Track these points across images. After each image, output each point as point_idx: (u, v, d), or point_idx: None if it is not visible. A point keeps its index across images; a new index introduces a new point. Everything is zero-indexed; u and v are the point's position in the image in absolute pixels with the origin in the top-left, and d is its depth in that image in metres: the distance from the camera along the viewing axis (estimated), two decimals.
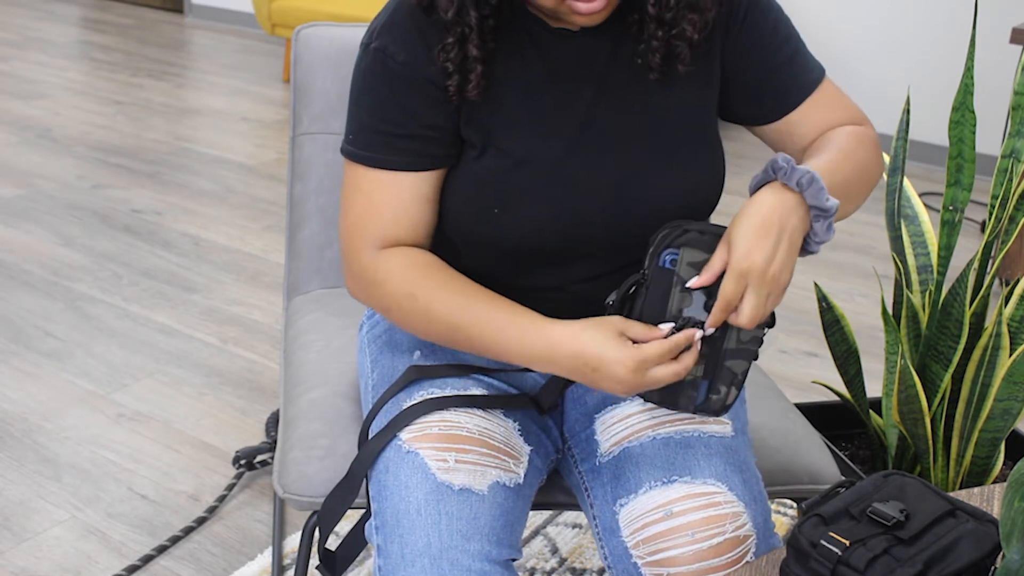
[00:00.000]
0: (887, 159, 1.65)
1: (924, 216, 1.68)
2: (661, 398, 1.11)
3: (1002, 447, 1.58)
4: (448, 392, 1.16)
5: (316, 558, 1.81)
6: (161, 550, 1.86)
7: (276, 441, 2.12)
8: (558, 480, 1.29)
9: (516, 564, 1.81)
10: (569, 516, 1.99)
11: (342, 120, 1.62)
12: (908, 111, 1.61)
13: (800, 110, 1.20)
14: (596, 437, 1.20)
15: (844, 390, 2.20)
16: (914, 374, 1.50)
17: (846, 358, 1.72)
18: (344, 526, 1.91)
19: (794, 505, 1.99)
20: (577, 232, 1.14)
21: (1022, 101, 1.54)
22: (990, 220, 1.56)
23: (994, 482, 1.62)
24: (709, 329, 1.06)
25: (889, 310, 1.78)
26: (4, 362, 2.46)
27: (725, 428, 1.17)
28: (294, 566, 1.83)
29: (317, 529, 1.17)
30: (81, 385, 2.39)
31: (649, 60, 1.13)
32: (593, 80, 1.14)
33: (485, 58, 1.10)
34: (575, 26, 1.12)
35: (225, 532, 1.93)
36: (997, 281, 3.07)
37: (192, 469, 2.11)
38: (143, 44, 5.71)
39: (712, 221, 1.11)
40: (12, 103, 4.52)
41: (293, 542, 1.89)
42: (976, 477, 1.61)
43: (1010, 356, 1.52)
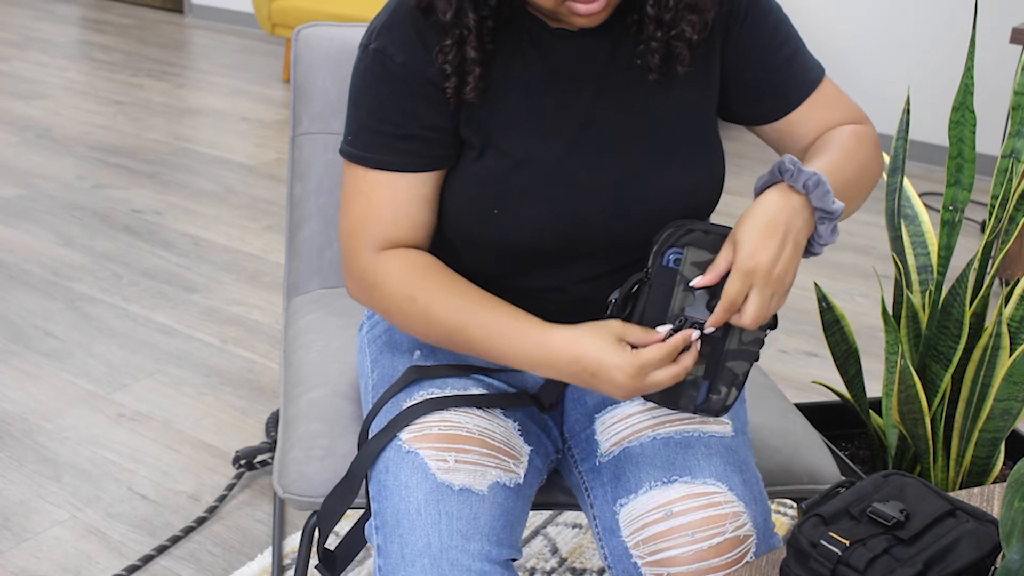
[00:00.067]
0: (887, 159, 1.65)
1: (924, 216, 1.68)
2: (661, 398, 1.12)
3: (1002, 447, 1.58)
4: (448, 392, 1.16)
5: (316, 558, 1.81)
6: (161, 550, 1.86)
7: (276, 441, 2.12)
8: (558, 480, 1.29)
9: (516, 564, 1.81)
10: (569, 516, 1.99)
11: (342, 120, 1.62)
12: (908, 111, 1.61)
13: (800, 110, 1.20)
14: (596, 437, 1.20)
15: (844, 390, 2.20)
16: (914, 374, 1.50)
17: (846, 358, 1.72)
18: (344, 526, 1.91)
19: (794, 505, 1.99)
20: (577, 232, 1.14)
21: (1022, 101, 1.54)
22: (990, 220, 1.56)
23: (994, 482, 1.62)
24: (709, 328, 1.06)
25: (889, 310, 1.78)
26: (4, 362, 2.46)
27: (725, 428, 1.17)
28: (294, 566, 1.83)
29: (317, 529, 1.17)
30: (81, 385, 2.39)
31: (648, 61, 1.12)
32: (593, 80, 1.14)
33: (483, 60, 1.10)
34: (574, 27, 1.12)
35: (225, 532, 1.93)
36: (997, 281, 3.07)
37: (192, 469, 2.11)
38: (143, 44, 5.71)
39: (713, 221, 1.11)
40: (12, 103, 4.52)
41: (293, 542, 1.89)
42: (976, 477, 1.61)
43: (1010, 356, 1.52)
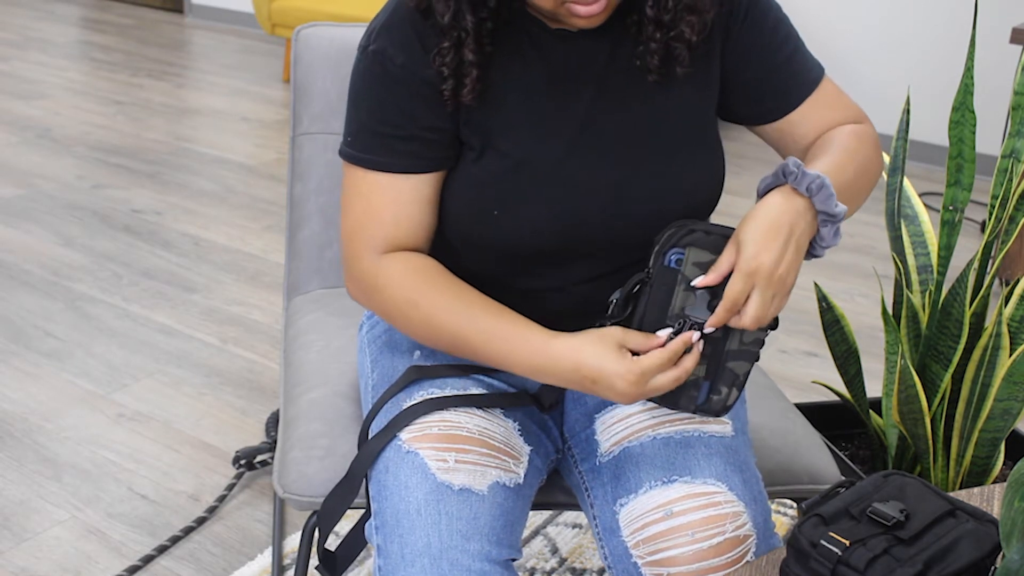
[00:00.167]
0: (887, 159, 1.65)
1: (924, 216, 1.68)
2: (662, 398, 1.12)
3: (1002, 447, 1.58)
4: (448, 392, 1.16)
5: (316, 558, 1.81)
6: (162, 550, 1.86)
7: (276, 441, 2.12)
8: (558, 480, 1.29)
9: (516, 564, 1.81)
10: (569, 516, 1.99)
11: (342, 120, 1.62)
12: (908, 111, 1.61)
13: (800, 109, 1.20)
14: (596, 437, 1.20)
15: (844, 390, 2.20)
16: (914, 374, 1.50)
17: (846, 358, 1.72)
18: (344, 526, 1.91)
19: (794, 505, 1.99)
20: (577, 233, 1.14)
21: (1022, 101, 1.54)
22: (990, 220, 1.56)
23: (994, 482, 1.62)
24: (709, 328, 1.06)
25: (889, 310, 1.78)
26: (4, 362, 2.46)
27: (725, 428, 1.17)
28: (294, 566, 1.83)
29: (317, 529, 1.17)
30: (81, 385, 2.39)
31: (648, 62, 1.12)
32: (592, 81, 1.14)
33: (481, 63, 1.09)
34: (574, 28, 1.12)
35: (225, 532, 1.93)
36: (997, 281, 3.07)
37: (192, 469, 2.11)
38: (143, 44, 5.71)
39: (713, 222, 1.11)
40: (12, 103, 4.52)
41: (293, 542, 1.89)
42: (976, 477, 1.61)
43: (1010, 356, 1.52)
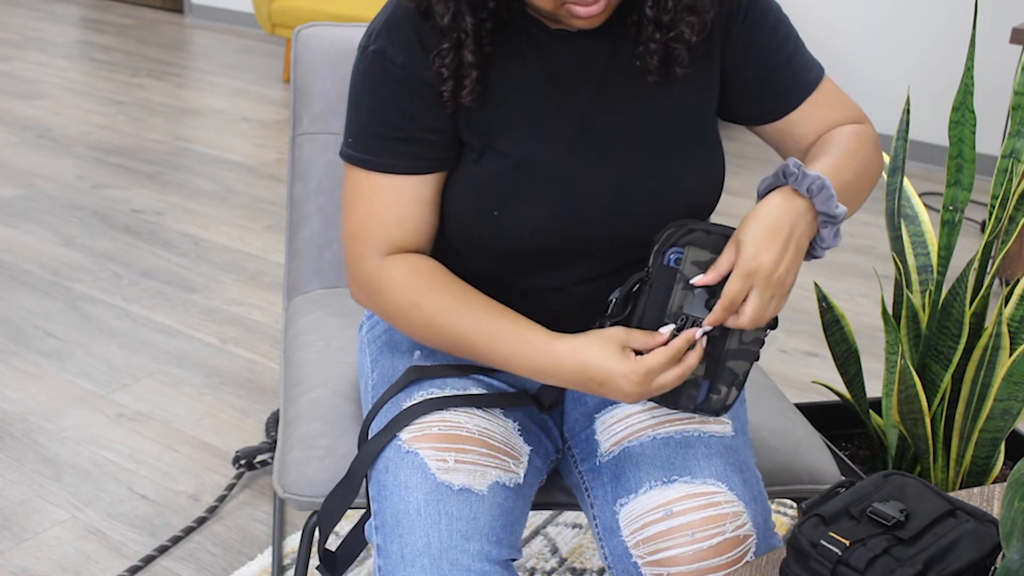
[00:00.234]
0: (887, 159, 1.65)
1: (924, 216, 1.68)
2: (661, 398, 1.12)
3: (1002, 447, 1.58)
4: (448, 392, 1.16)
5: (316, 558, 1.81)
6: (162, 550, 1.86)
7: (276, 441, 2.12)
8: (558, 480, 1.29)
9: (516, 564, 1.81)
10: (569, 516, 1.99)
11: (342, 120, 1.62)
12: (908, 111, 1.61)
13: (800, 109, 1.20)
14: (596, 437, 1.20)
15: (844, 390, 2.20)
16: (914, 374, 1.50)
17: (846, 358, 1.72)
18: (344, 526, 1.91)
19: (794, 505, 1.99)
20: (577, 233, 1.14)
21: (1022, 101, 1.54)
22: (990, 220, 1.56)
23: (994, 482, 1.62)
24: (707, 327, 1.06)
25: (889, 310, 1.78)
26: (4, 362, 2.46)
27: (725, 428, 1.17)
28: (294, 566, 1.83)
29: (317, 529, 1.17)
30: (81, 385, 2.39)
31: (647, 62, 1.12)
32: (592, 81, 1.14)
33: (480, 64, 1.09)
34: (574, 28, 1.12)
35: (225, 532, 1.93)
36: (997, 281, 3.07)
37: (192, 469, 2.11)
38: (143, 44, 5.71)
39: (713, 221, 1.11)
40: (12, 103, 4.52)
41: (293, 542, 1.89)
42: (976, 477, 1.61)
43: (1010, 356, 1.52)
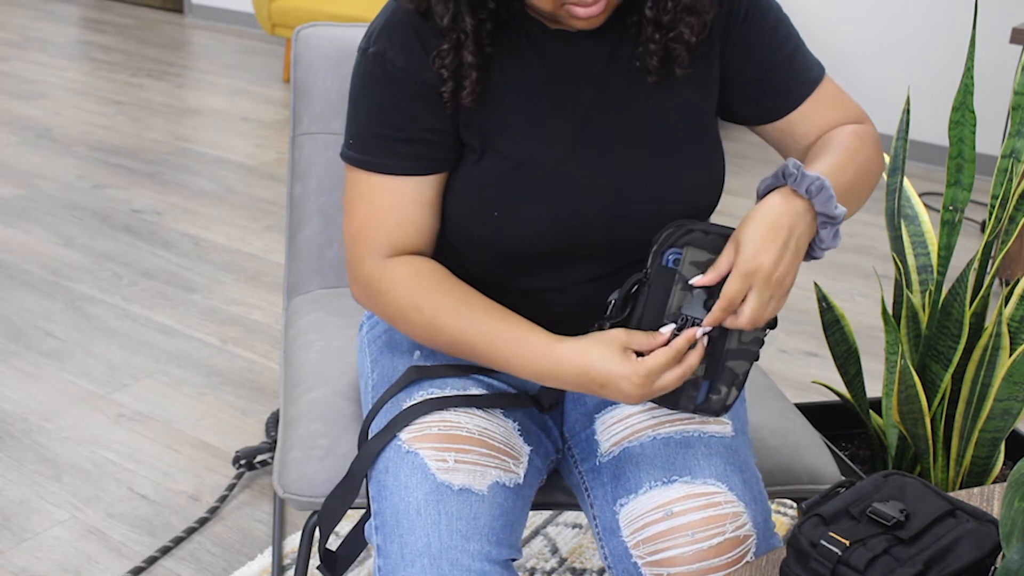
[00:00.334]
0: (887, 159, 1.65)
1: (924, 216, 1.68)
2: (661, 398, 1.12)
3: (1002, 447, 1.58)
4: (448, 392, 1.16)
5: (316, 558, 1.81)
6: (165, 551, 1.86)
7: (276, 441, 2.12)
8: (558, 480, 1.29)
9: (516, 564, 1.81)
10: (569, 516, 1.99)
11: (342, 120, 1.62)
12: (908, 111, 1.61)
13: (801, 109, 1.20)
14: (596, 437, 1.20)
15: (844, 390, 2.20)
16: (914, 374, 1.50)
17: (846, 358, 1.72)
18: (344, 526, 1.91)
19: (794, 505, 1.99)
20: (577, 233, 1.14)
21: (1022, 101, 1.54)
22: (990, 220, 1.56)
23: (994, 482, 1.62)
24: (706, 327, 1.06)
25: (889, 310, 1.78)
26: (4, 362, 2.46)
27: (725, 428, 1.17)
28: (294, 566, 1.83)
29: (317, 529, 1.17)
30: (81, 385, 2.39)
31: (647, 63, 1.12)
32: (592, 82, 1.14)
33: (480, 64, 1.09)
34: (574, 28, 1.12)
35: (225, 532, 1.93)
36: (997, 281, 3.07)
37: (192, 469, 2.11)
38: (143, 44, 5.71)
39: (713, 222, 1.11)
40: (12, 103, 4.52)
41: (293, 542, 1.89)
42: (976, 477, 1.61)
43: (1010, 356, 1.52)
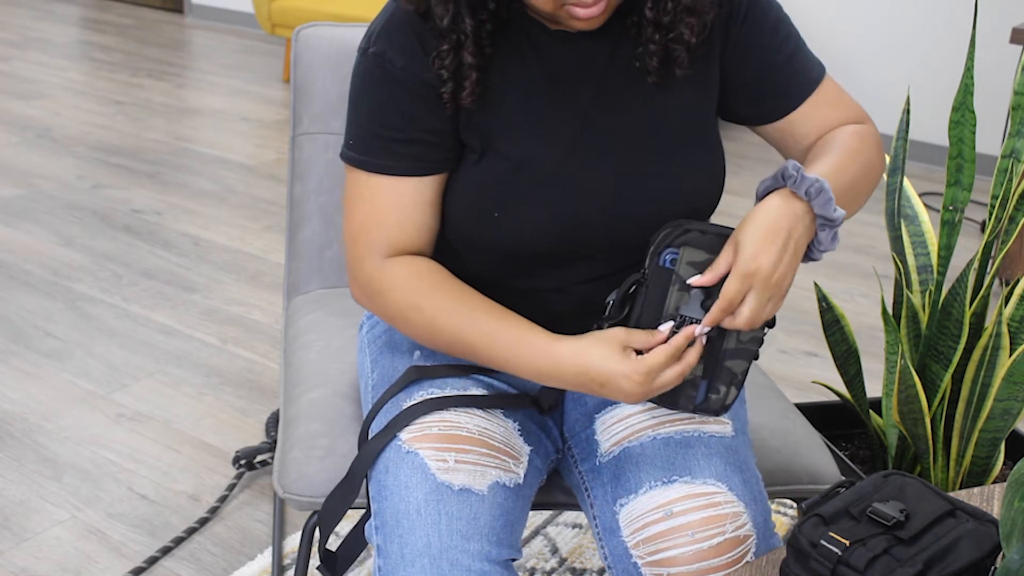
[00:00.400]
0: (887, 159, 1.65)
1: (924, 216, 1.68)
2: (661, 398, 1.12)
3: (1002, 447, 1.58)
4: (448, 392, 1.16)
5: (316, 558, 1.81)
6: (165, 551, 1.86)
7: (276, 441, 2.12)
8: (558, 480, 1.29)
9: (516, 564, 1.81)
10: (569, 516, 1.99)
11: (342, 120, 1.62)
12: (908, 111, 1.61)
13: (802, 109, 1.19)
14: (596, 437, 1.20)
15: (844, 390, 2.20)
16: (914, 374, 1.50)
17: (846, 358, 1.72)
18: (344, 526, 1.91)
19: (794, 505, 1.99)
20: (577, 234, 1.14)
21: (1022, 101, 1.54)
22: (990, 220, 1.56)
23: (994, 482, 1.62)
24: (704, 327, 1.06)
25: (889, 310, 1.78)
26: (4, 362, 2.46)
27: (725, 428, 1.17)
28: (294, 566, 1.83)
29: (317, 529, 1.17)
30: (81, 385, 2.39)
31: (647, 63, 1.12)
32: (592, 82, 1.14)
33: (480, 65, 1.09)
34: (574, 29, 1.12)
35: (225, 532, 1.93)
36: (997, 281, 3.07)
37: (192, 469, 2.11)
38: (143, 44, 5.71)
39: (712, 222, 1.11)
40: (12, 103, 4.52)
41: (293, 542, 1.89)
42: (976, 477, 1.61)
43: (1010, 356, 1.52)
